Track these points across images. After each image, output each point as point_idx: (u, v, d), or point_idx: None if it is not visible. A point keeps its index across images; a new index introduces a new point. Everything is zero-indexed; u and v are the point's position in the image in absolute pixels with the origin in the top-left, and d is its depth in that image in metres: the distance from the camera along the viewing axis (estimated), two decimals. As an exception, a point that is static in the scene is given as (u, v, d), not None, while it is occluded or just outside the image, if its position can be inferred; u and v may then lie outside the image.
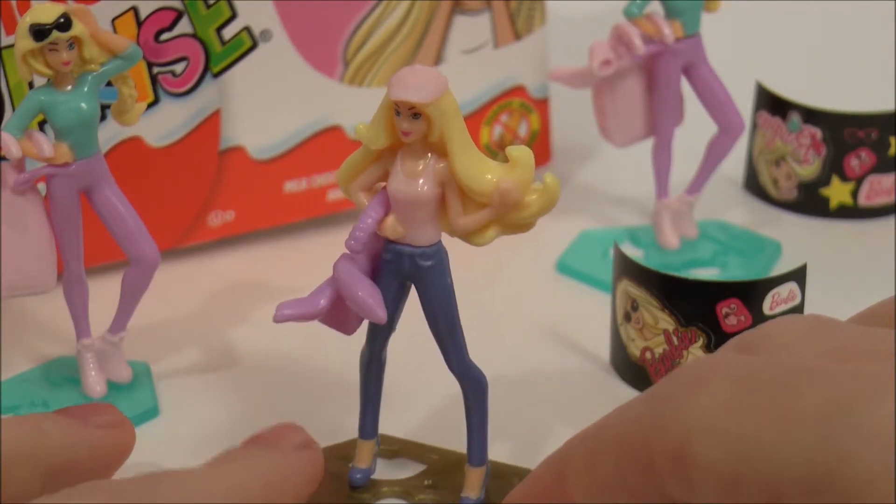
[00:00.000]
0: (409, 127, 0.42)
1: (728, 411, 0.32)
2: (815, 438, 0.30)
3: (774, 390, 0.31)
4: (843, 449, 0.29)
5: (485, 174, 0.42)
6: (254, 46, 0.57)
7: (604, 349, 0.54)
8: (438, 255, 0.44)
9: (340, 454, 0.48)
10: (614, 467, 0.34)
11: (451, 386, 0.47)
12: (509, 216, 0.43)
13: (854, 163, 0.62)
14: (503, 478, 0.47)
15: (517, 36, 0.62)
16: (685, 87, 0.59)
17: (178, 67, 0.56)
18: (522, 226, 0.43)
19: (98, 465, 0.41)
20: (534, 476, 0.38)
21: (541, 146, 0.64)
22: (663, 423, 0.33)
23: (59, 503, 0.34)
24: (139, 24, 0.55)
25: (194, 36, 0.56)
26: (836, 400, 0.30)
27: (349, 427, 0.50)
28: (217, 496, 0.36)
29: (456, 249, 0.45)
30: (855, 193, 0.63)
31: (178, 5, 0.55)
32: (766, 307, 0.50)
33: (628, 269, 0.51)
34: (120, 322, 0.51)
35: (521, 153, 0.42)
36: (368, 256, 0.44)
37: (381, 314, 0.43)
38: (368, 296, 0.43)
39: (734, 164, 0.64)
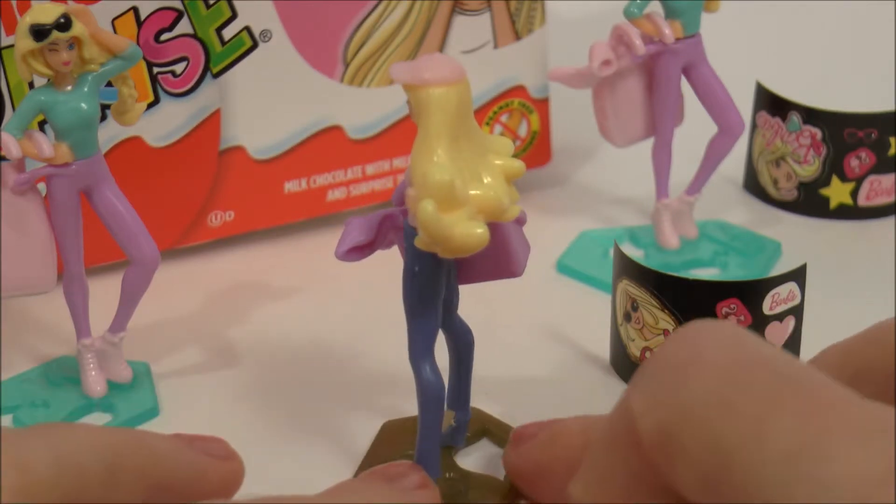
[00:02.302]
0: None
1: (713, 406, 0.31)
2: (783, 475, 0.30)
3: (757, 396, 0.31)
4: (802, 497, 0.29)
5: (416, 173, 0.41)
6: (254, 46, 0.57)
7: (604, 349, 0.54)
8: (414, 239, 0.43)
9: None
10: (613, 455, 0.34)
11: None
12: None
13: (854, 163, 0.62)
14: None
15: (517, 36, 0.62)
16: (685, 87, 0.59)
17: (178, 67, 0.56)
18: (435, 246, 0.41)
19: (206, 492, 0.40)
20: None
21: (541, 146, 0.64)
22: (650, 404, 0.33)
23: None
24: (139, 24, 0.55)
25: (194, 36, 0.56)
26: (810, 435, 0.30)
27: (352, 424, 0.50)
28: None
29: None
30: (855, 193, 0.63)
31: (178, 5, 0.55)
32: (766, 307, 0.50)
33: (628, 269, 0.51)
34: (120, 322, 0.51)
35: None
36: None
37: (340, 250, 0.43)
38: (351, 230, 0.43)
39: (734, 164, 0.64)
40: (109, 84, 0.48)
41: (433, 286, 0.44)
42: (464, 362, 0.47)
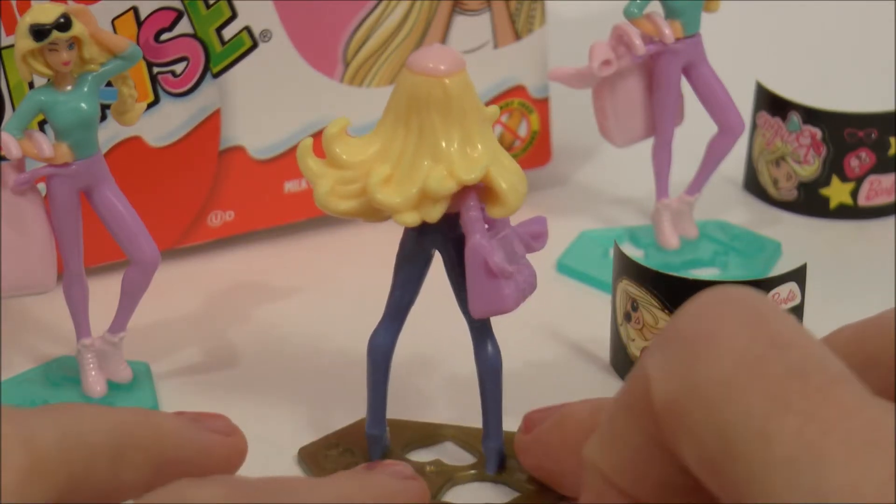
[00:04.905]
0: None
1: (723, 391, 0.32)
2: (784, 481, 0.30)
3: (767, 391, 0.31)
4: None
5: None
6: (254, 46, 0.57)
7: (604, 349, 0.54)
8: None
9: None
10: (629, 418, 0.34)
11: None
12: None
13: (854, 163, 0.62)
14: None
15: (517, 36, 0.62)
16: (685, 87, 0.59)
17: (178, 67, 0.56)
18: None
19: (211, 468, 0.40)
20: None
21: (541, 146, 0.64)
22: (663, 374, 0.33)
23: (182, 491, 0.35)
24: (139, 24, 0.55)
25: (194, 36, 0.56)
26: (812, 442, 0.30)
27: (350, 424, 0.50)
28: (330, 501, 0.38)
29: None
30: (855, 193, 0.63)
31: (178, 5, 0.55)
32: (766, 307, 0.50)
33: (628, 269, 0.51)
34: (120, 322, 0.51)
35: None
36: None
37: None
38: None
39: (734, 164, 0.64)
40: (109, 84, 0.48)
41: (408, 262, 0.46)
42: (484, 389, 0.47)
